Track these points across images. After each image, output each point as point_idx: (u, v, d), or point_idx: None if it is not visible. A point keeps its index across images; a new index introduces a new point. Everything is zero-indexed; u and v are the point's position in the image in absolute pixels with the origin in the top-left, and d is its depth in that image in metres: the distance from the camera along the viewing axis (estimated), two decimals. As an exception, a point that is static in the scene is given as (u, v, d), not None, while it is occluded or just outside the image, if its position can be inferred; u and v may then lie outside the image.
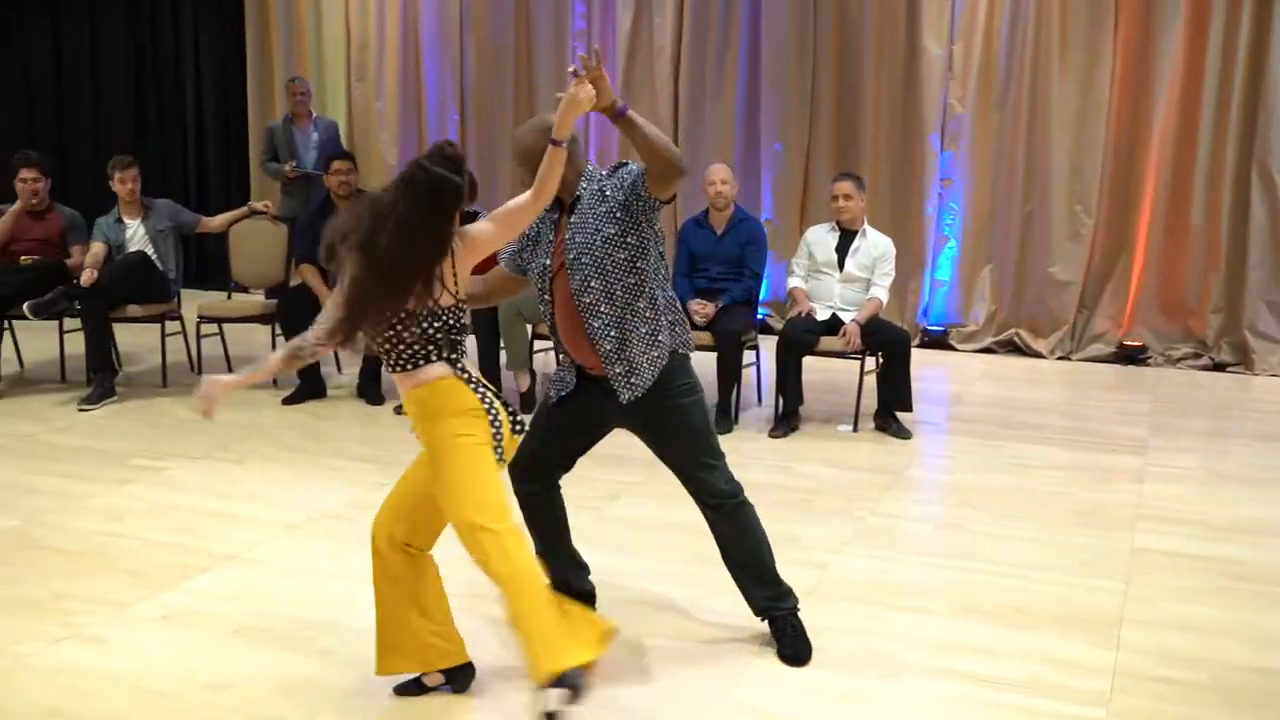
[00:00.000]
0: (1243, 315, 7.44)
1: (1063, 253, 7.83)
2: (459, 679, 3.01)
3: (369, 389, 6.37)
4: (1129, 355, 7.67)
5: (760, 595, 3.28)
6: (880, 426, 5.80)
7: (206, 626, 3.43)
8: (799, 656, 3.21)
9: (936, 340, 8.27)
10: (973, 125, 7.98)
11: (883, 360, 5.75)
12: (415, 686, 3.00)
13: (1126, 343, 7.71)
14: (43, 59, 11.21)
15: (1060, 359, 7.83)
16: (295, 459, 5.25)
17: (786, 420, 5.76)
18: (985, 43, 7.87)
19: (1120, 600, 3.68)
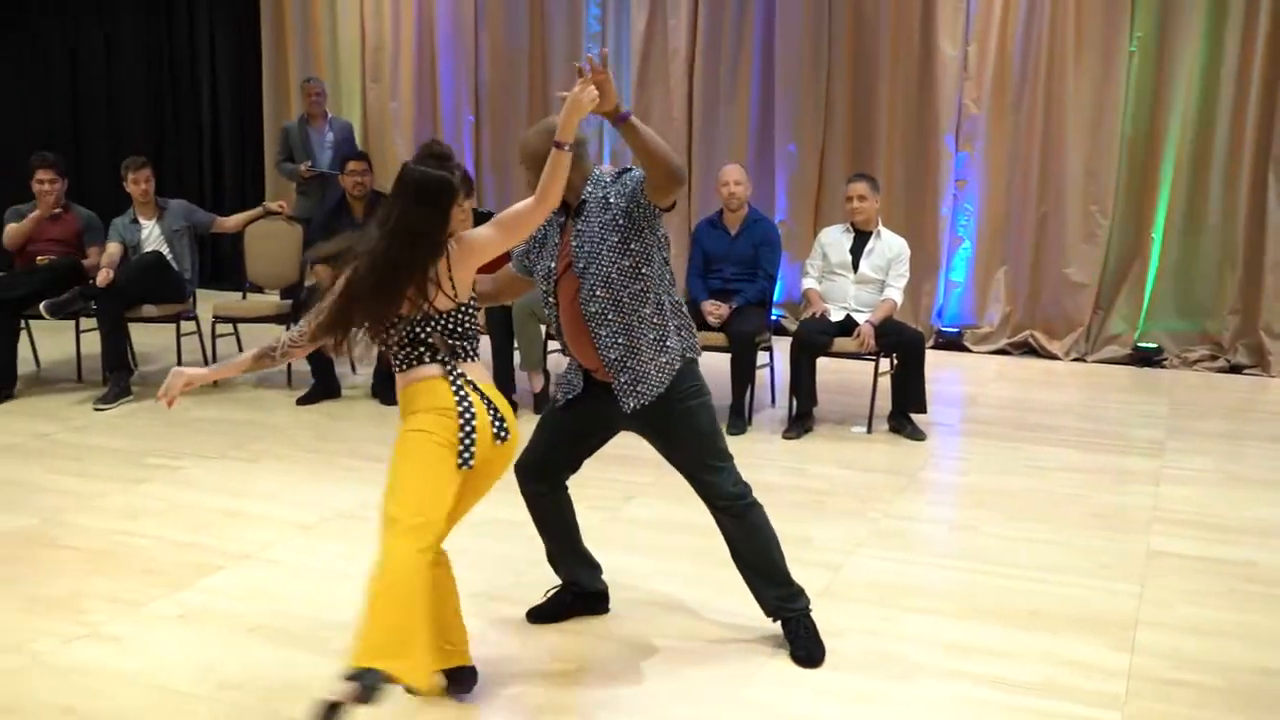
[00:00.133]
0: (1259, 317, 7.40)
1: (1078, 254, 7.80)
2: (462, 680, 2.98)
3: (383, 389, 6.37)
4: (1144, 357, 7.64)
5: (771, 596, 3.27)
6: (894, 428, 5.79)
7: (221, 625, 3.44)
8: (812, 658, 3.20)
9: (951, 342, 8.24)
10: (988, 126, 7.95)
11: (897, 361, 5.74)
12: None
13: (1142, 345, 7.68)
14: (59, 59, 11.27)
15: (1075, 360, 7.80)
16: (310, 459, 5.27)
17: (800, 421, 5.75)
18: (1000, 43, 7.84)
19: (1135, 603, 3.67)
